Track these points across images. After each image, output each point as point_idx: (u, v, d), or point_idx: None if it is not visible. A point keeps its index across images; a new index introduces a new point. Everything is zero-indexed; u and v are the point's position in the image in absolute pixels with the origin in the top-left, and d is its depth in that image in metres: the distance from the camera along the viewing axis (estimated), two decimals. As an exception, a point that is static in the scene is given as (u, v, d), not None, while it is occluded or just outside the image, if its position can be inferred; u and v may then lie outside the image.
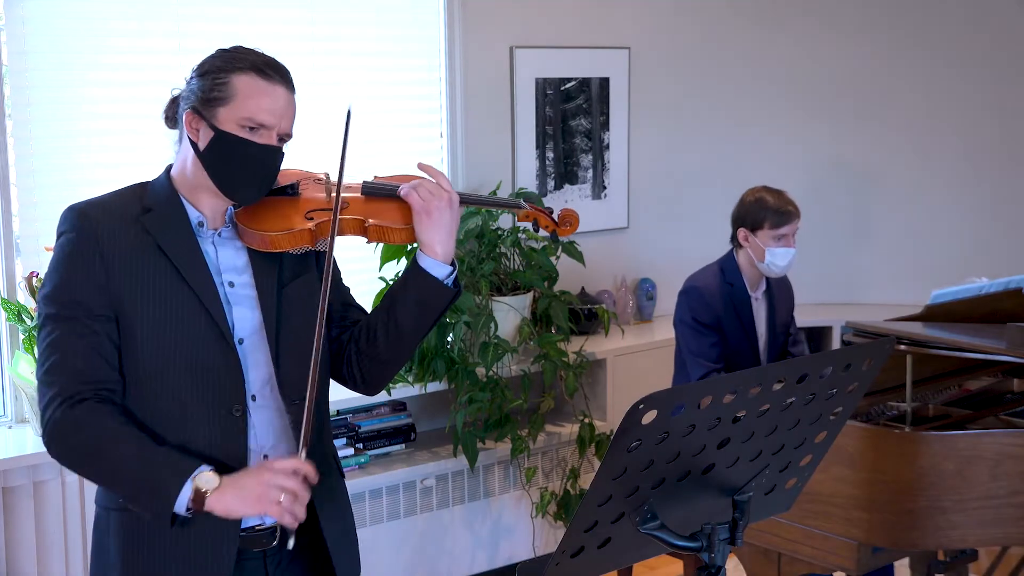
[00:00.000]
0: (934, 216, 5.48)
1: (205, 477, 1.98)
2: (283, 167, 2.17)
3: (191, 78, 2.11)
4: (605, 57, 5.01)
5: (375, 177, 2.27)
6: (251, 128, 2.06)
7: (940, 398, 3.45)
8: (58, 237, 2.10)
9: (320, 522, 2.17)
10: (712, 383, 1.70)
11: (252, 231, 2.11)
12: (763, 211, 3.63)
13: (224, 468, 2.04)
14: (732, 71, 5.36)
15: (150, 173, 2.24)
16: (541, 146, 4.85)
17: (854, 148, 5.52)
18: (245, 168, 2.07)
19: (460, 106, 4.61)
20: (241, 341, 2.11)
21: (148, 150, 3.85)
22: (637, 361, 4.69)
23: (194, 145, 2.09)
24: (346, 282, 2.35)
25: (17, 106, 3.61)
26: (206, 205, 2.13)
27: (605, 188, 5.07)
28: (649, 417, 1.63)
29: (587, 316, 4.77)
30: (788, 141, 5.48)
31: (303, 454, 2.01)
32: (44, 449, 3.34)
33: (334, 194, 2.15)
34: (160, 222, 2.09)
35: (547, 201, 4.78)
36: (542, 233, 2.37)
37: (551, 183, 4.89)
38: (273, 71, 2.08)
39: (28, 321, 3.43)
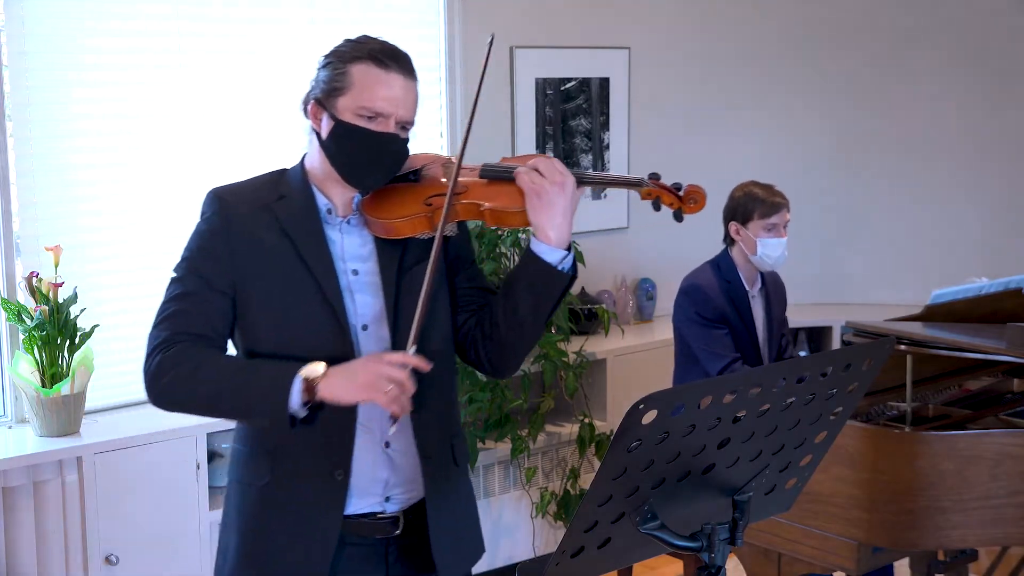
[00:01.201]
0: (934, 216, 5.48)
1: (311, 367, 2.02)
2: (416, 152, 2.20)
3: (317, 69, 2.16)
4: (605, 57, 5.01)
5: (502, 159, 2.26)
6: (369, 117, 2.09)
7: (940, 398, 3.45)
8: (200, 216, 2.17)
9: (427, 516, 2.19)
10: (712, 383, 1.70)
11: (374, 219, 2.15)
12: (752, 202, 3.65)
13: (329, 458, 2.11)
14: (732, 71, 5.36)
15: (150, 173, 2.24)
16: (541, 146, 4.85)
17: (854, 148, 5.51)
18: (364, 156, 2.11)
19: (460, 106, 4.61)
20: (365, 327, 2.15)
21: (148, 150, 3.85)
22: (637, 361, 4.69)
23: (317, 135, 2.15)
24: None
25: (17, 106, 3.60)
26: (335, 193, 2.17)
27: (605, 188, 5.07)
28: (649, 417, 1.63)
29: (587, 316, 4.77)
30: (788, 141, 5.48)
31: (412, 349, 2.04)
32: (44, 449, 3.39)
33: (451, 179, 2.14)
34: (290, 209, 2.15)
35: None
36: (664, 210, 2.25)
37: (551, 183, 4.89)
38: (391, 59, 2.11)
39: (28, 321, 3.43)
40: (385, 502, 2.19)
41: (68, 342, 3.47)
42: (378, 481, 2.18)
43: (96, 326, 3.56)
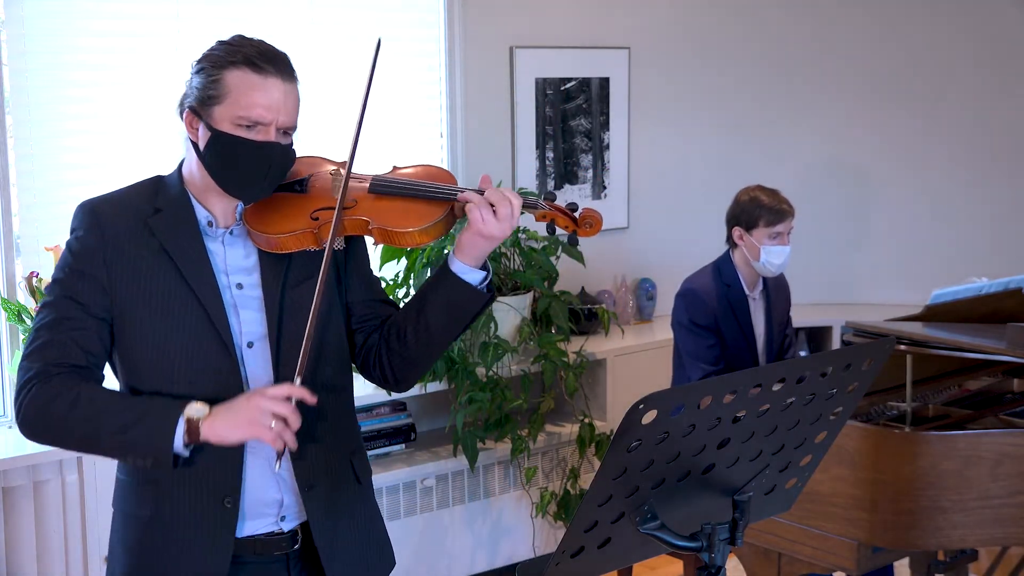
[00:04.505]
0: (934, 216, 5.48)
1: (194, 407, 1.96)
2: (302, 155, 2.12)
3: (191, 75, 2.05)
4: (605, 57, 5.01)
5: (394, 168, 2.17)
6: (248, 126, 1.99)
7: (940, 398, 3.45)
8: (71, 232, 2.09)
9: (314, 541, 2.13)
10: (712, 383, 1.70)
11: (257, 232, 2.06)
12: (758, 210, 3.64)
13: (216, 487, 2.05)
14: (732, 71, 5.36)
15: (150, 173, 2.23)
16: (541, 146, 4.85)
17: (854, 148, 5.51)
18: (244, 167, 2.01)
19: (460, 106, 4.61)
20: (251, 345, 2.07)
21: (148, 150, 3.86)
22: (637, 361, 4.69)
23: (195, 145, 2.06)
24: None
25: (17, 106, 3.61)
26: (214, 204, 2.09)
27: (605, 188, 5.07)
28: (649, 417, 1.63)
29: (587, 316, 4.77)
30: (788, 141, 5.48)
31: (298, 380, 1.97)
32: (44, 449, 3.38)
33: (338, 192, 2.05)
34: (167, 224, 2.05)
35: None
36: (560, 234, 2.24)
37: (551, 183, 4.89)
38: (267, 62, 1.99)
39: (28, 321, 3.43)
40: (281, 521, 2.13)
41: (68, 342, 3.47)
42: (271, 503, 2.11)
43: (96, 326, 3.55)
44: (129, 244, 2.04)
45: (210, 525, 2.06)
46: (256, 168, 2.02)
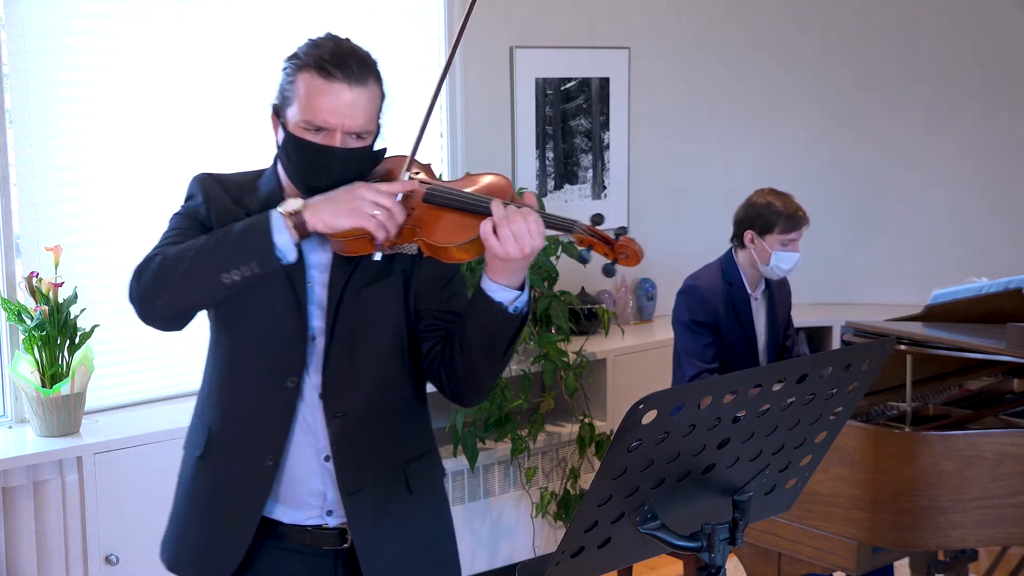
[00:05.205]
0: (934, 216, 5.48)
1: (288, 202, 1.99)
2: (390, 156, 2.13)
3: (280, 72, 2.09)
4: (605, 57, 5.01)
5: (466, 175, 2.11)
6: (314, 129, 2.01)
7: (940, 398, 3.44)
8: (185, 200, 2.16)
9: (354, 546, 2.14)
10: (712, 383, 1.70)
11: (327, 235, 2.05)
12: (774, 216, 3.63)
13: (262, 444, 2.10)
14: (732, 71, 5.36)
15: (150, 173, 2.23)
16: (541, 146, 4.85)
17: (854, 147, 5.51)
18: (311, 169, 2.04)
19: (460, 106, 4.61)
20: (312, 339, 2.11)
21: (148, 150, 3.85)
22: (637, 361, 4.69)
23: (277, 144, 2.11)
24: None
25: (17, 106, 3.60)
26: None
27: (605, 188, 5.07)
28: (649, 417, 1.63)
29: (587, 316, 4.77)
30: (788, 140, 5.48)
31: (406, 175, 1.99)
32: (44, 449, 3.39)
33: (399, 199, 2.00)
34: (259, 206, 2.09)
35: (547, 202, 4.78)
36: (597, 260, 2.05)
37: (551, 183, 4.89)
38: (336, 66, 2.00)
39: (28, 321, 3.43)
40: (326, 515, 2.15)
41: (68, 342, 3.47)
42: (314, 494, 2.14)
43: (96, 326, 3.56)
44: (225, 210, 2.09)
45: (250, 476, 2.12)
46: (319, 171, 2.04)
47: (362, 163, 2.08)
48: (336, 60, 2.01)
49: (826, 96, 5.47)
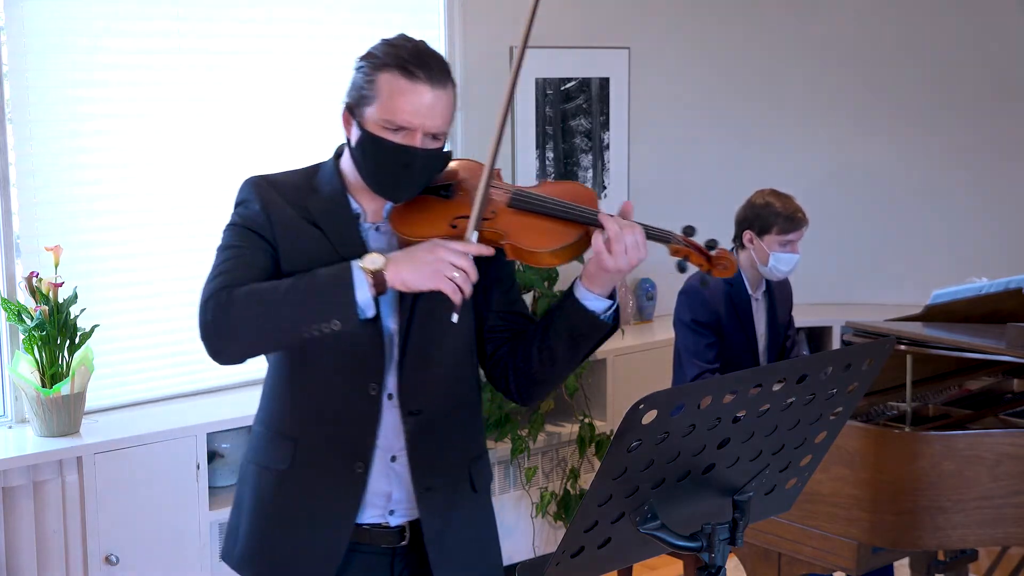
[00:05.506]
0: (934, 216, 5.48)
1: (369, 258, 1.99)
2: (462, 158, 2.16)
3: (353, 71, 2.10)
4: (605, 57, 5.01)
5: (542, 183, 2.13)
6: (394, 129, 2.03)
7: (940, 398, 3.44)
8: (236, 206, 2.14)
9: (424, 541, 2.16)
10: (712, 383, 1.70)
11: (399, 234, 2.08)
12: (773, 216, 3.63)
13: (352, 451, 2.10)
14: (732, 71, 5.36)
15: (150, 173, 2.23)
16: (541, 146, 4.85)
17: (854, 148, 5.51)
18: (390, 169, 2.06)
19: (460, 106, 4.59)
20: (388, 341, 2.12)
21: (148, 150, 3.85)
22: (637, 361, 4.69)
23: (348, 142, 2.11)
24: None
25: (17, 106, 3.60)
26: (365, 200, 2.14)
27: (605, 188, 5.07)
28: (649, 417, 1.63)
29: (587, 316, 4.77)
30: (788, 140, 5.48)
31: (473, 236, 2.00)
32: (44, 449, 3.39)
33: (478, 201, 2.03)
34: (322, 206, 2.11)
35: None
36: (690, 270, 2.15)
37: (551, 183, 4.90)
38: (419, 67, 2.03)
39: (28, 321, 3.43)
40: (389, 515, 2.18)
41: (68, 342, 3.47)
42: (380, 494, 2.17)
43: (96, 326, 3.55)
44: (288, 216, 2.09)
45: (339, 487, 2.13)
46: (398, 171, 2.06)
47: (439, 163, 2.12)
48: (418, 61, 2.05)
49: (826, 96, 5.47)
